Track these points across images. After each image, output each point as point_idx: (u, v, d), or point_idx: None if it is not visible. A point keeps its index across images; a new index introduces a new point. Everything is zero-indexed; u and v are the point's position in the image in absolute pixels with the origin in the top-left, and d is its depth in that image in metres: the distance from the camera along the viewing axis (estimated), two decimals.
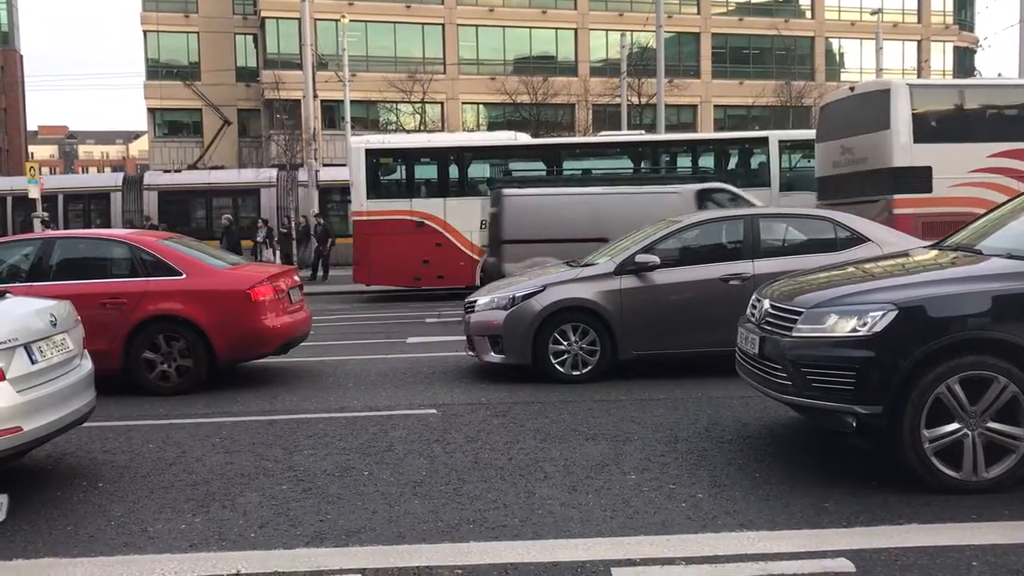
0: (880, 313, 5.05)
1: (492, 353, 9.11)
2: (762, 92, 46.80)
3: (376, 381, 9.22)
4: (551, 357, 8.80)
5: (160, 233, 11.93)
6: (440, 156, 19.94)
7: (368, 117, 45.19)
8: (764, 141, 19.77)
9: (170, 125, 49.29)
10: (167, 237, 10.27)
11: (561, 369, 8.78)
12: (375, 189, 19.49)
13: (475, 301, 9.47)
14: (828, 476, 5.40)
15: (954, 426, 4.96)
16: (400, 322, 15.27)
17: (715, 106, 50.12)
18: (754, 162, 20.16)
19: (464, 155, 20.03)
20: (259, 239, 25.62)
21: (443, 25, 47.21)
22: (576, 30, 48.63)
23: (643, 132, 25.95)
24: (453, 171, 19.85)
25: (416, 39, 47.16)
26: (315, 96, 29.86)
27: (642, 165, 20.25)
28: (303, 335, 10.03)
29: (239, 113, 48.38)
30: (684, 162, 20.57)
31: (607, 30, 48.13)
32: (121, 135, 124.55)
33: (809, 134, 24.26)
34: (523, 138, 21.54)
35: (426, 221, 19.18)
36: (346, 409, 7.81)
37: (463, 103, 47.44)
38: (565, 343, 8.82)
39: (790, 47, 51.09)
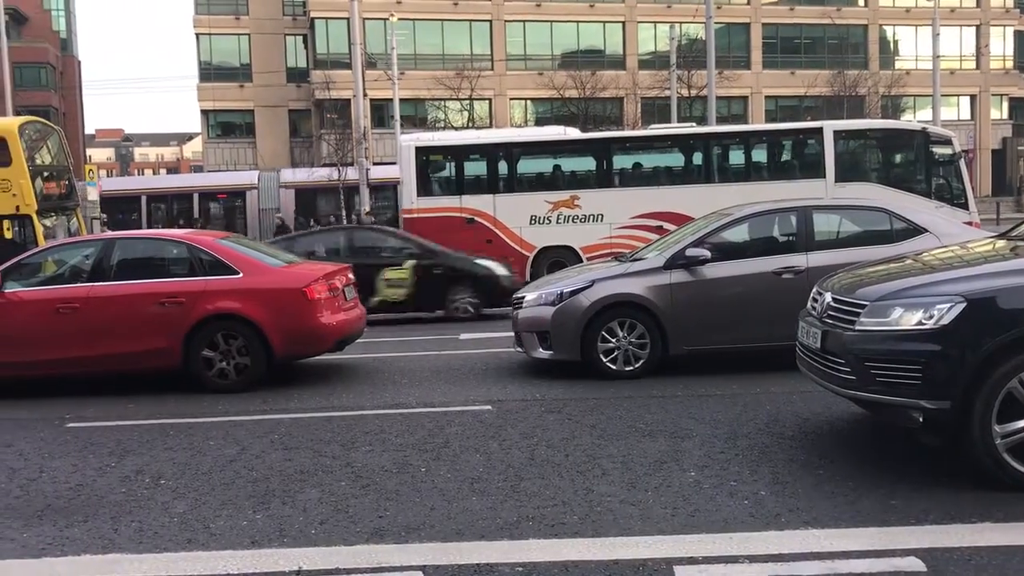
0: (947, 305, 4.91)
1: (540, 349, 9.07)
2: (814, 82, 46.02)
3: (430, 377, 9.24)
4: (600, 353, 8.74)
5: (218, 232, 12.11)
6: (489, 152, 19.93)
7: (417, 115, 45.42)
8: (819, 131, 19.42)
9: (223, 126, 50.05)
10: (224, 236, 10.41)
11: (611, 366, 8.71)
12: (425, 186, 19.56)
13: (523, 297, 9.44)
14: (893, 473, 5.28)
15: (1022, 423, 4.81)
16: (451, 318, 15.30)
17: (766, 97, 49.44)
18: (809, 153, 19.82)
19: (513, 151, 19.99)
20: None
21: (491, 21, 47.23)
22: (624, 23, 48.30)
23: (694, 124, 25.66)
24: (503, 167, 19.82)
25: (464, 36, 47.24)
26: (365, 95, 30.06)
27: (694, 158, 20.04)
28: (358, 332, 10.10)
29: (290, 113, 48.97)
30: (737, 154, 20.31)
31: (655, 22, 47.75)
32: (175, 137, 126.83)
33: (865, 124, 23.85)
34: (573, 132, 21.45)
35: (476, 218, 19.19)
36: (401, 405, 7.84)
37: (511, 99, 47.42)
38: (614, 339, 8.74)
39: (843, 36, 50.19)
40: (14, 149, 19.58)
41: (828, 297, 5.70)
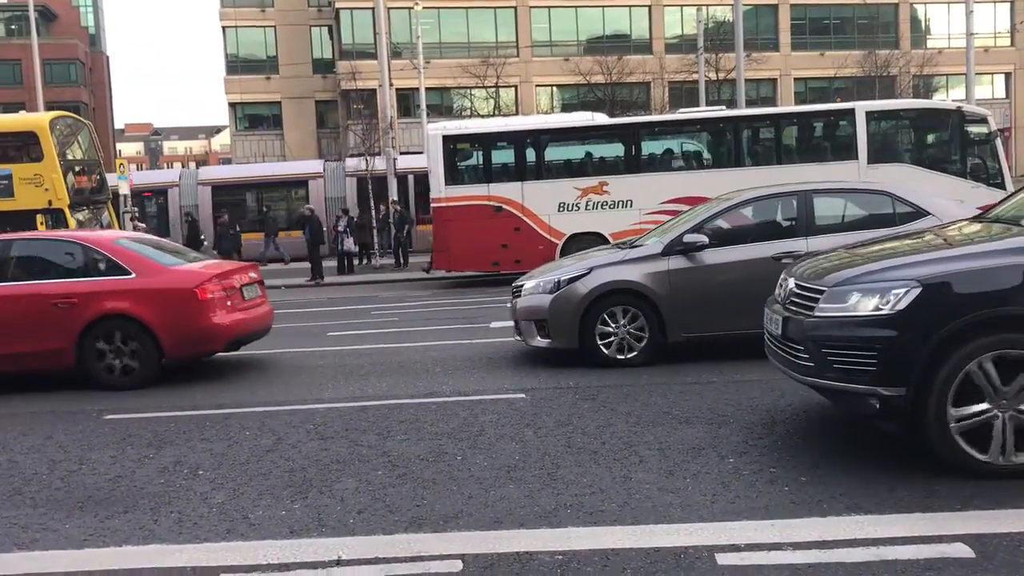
0: (903, 291, 4.85)
1: (539, 337, 9.05)
2: (844, 63, 45.41)
3: (463, 366, 9.23)
4: (598, 340, 8.69)
5: (118, 233, 12.13)
6: (517, 140, 19.85)
7: (443, 104, 45.39)
8: (851, 113, 19.16)
9: (251, 119, 50.30)
10: (123, 237, 10.40)
11: (609, 353, 8.67)
12: (453, 175, 19.53)
13: (522, 286, 9.43)
14: (932, 457, 5.19)
15: (983, 406, 4.73)
16: (481, 307, 15.29)
17: (795, 79, 48.87)
18: (841, 135, 19.57)
19: (541, 138, 19.89)
20: (340, 228, 25.96)
21: (515, 8, 47.03)
22: (650, 7, 47.91)
23: (723, 108, 25.43)
24: (530, 154, 19.74)
25: (489, 23, 47.09)
26: (391, 85, 30.07)
27: (724, 141, 19.86)
28: (260, 331, 10.11)
29: (317, 104, 49.11)
30: (767, 137, 20.08)
31: (682, 6, 47.30)
32: (203, 130, 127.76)
33: (897, 104, 23.48)
34: (600, 118, 21.30)
35: (504, 206, 19.14)
36: (436, 394, 7.84)
37: (537, 86, 47.24)
38: (612, 326, 8.70)
39: (873, 15, 49.45)
40: (45, 144, 19.82)
41: (791, 283, 5.65)
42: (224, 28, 48.70)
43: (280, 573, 4.07)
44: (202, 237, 26.68)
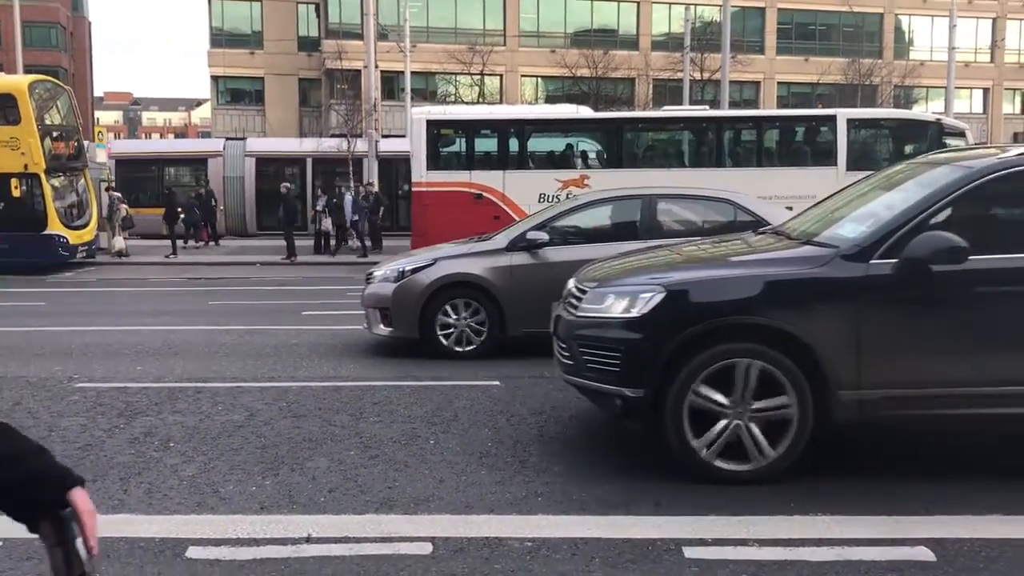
0: (649, 295, 5.00)
1: (381, 326, 9.13)
2: (828, 70, 45.70)
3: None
4: (438, 331, 8.79)
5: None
6: (501, 128, 19.82)
7: (427, 88, 45.16)
8: (832, 119, 19.32)
9: (232, 93, 49.79)
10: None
11: (448, 344, 8.77)
12: (435, 160, 19.47)
13: (373, 274, 9.53)
14: (896, 462, 5.28)
15: (723, 424, 4.85)
16: None
17: (779, 83, 49.09)
18: (821, 140, 19.73)
19: (525, 128, 19.88)
20: (319, 208, 25.81)
21: None
22: (638, 3, 47.92)
23: (707, 107, 25.55)
24: (513, 144, 19.72)
25: (477, 10, 46.88)
26: (376, 66, 29.88)
27: (706, 141, 19.96)
28: None
29: (300, 82, 48.71)
30: (749, 139, 20.21)
31: (670, 4, 47.36)
32: (183, 102, 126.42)
33: (879, 113, 23.71)
34: (585, 111, 21.34)
35: (485, 193, 19.11)
36: (410, 378, 7.84)
37: (522, 76, 47.13)
38: (453, 317, 8.79)
39: (858, 24, 49.78)
40: (23, 107, 19.55)
41: (572, 283, 5.81)
42: (210, 0, 48.15)
43: (249, 548, 4.08)
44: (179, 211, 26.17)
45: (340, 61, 39.83)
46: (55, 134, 20.99)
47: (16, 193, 19.88)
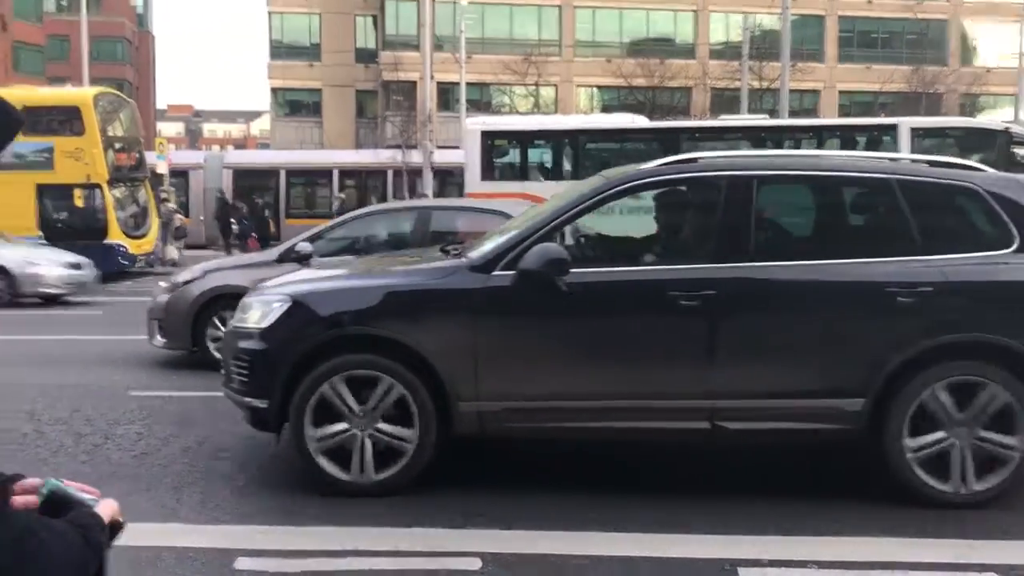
0: (278, 305, 4.90)
1: (158, 337, 9.10)
2: (891, 78, 44.82)
3: None
4: (210, 344, 8.72)
5: None
6: (556, 138, 19.78)
7: (482, 99, 45.35)
8: (894, 128, 18.88)
9: (291, 105, 50.57)
10: None
11: (219, 356, 8.67)
12: (489, 171, 19.47)
13: (160, 284, 9.65)
14: None
15: (342, 425, 4.75)
16: None
17: (840, 92, 48.31)
18: (883, 150, 19.28)
19: (580, 138, 19.79)
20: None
21: (560, 7, 46.90)
22: (696, 12, 47.61)
23: (766, 116, 25.19)
24: (568, 154, 19.66)
25: (532, 21, 46.99)
26: (432, 77, 30.10)
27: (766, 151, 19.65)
28: None
29: (357, 94, 49.29)
30: (809, 149, 19.84)
31: (728, 12, 46.94)
32: (243, 114, 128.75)
33: (944, 122, 23.12)
34: (641, 121, 21.16)
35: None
36: None
37: (577, 86, 47.09)
38: (223, 330, 8.65)
39: (923, 30, 48.75)
40: (88, 119, 19.99)
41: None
42: (270, 13, 49.00)
43: (298, 560, 4.04)
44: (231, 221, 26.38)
45: (396, 72, 40.25)
46: (118, 145, 21.43)
47: (79, 203, 20.34)
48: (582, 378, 4.75)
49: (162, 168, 25.05)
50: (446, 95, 43.76)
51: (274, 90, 49.75)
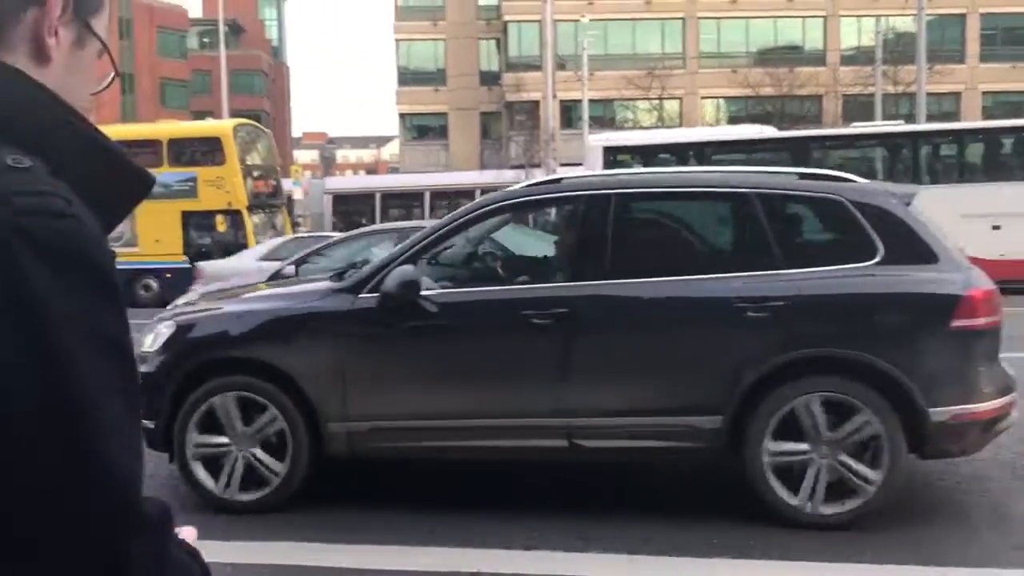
0: (166, 330, 5.04)
1: None
2: None
3: None
4: None
5: None
6: (680, 152, 19.50)
7: (605, 115, 45.28)
8: None
9: (418, 129, 51.81)
10: None
11: None
12: None
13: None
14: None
15: (222, 439, 4.83)
16: None
17: (983, 93, 45.89)
18: None
19: (705, 150, 19.44)
20: None
21: (683, 20, 46.41)
22: (825, 18, 46.22)
23: (901, 122, 24.16)
24: (693, 167, 19.32)
25: (655, 35, 46.67)
26: (554, 96, 30.24)
27: (901, 157, 18.81)
28: None
29: (481, 116, 50.05)
30: (950, 154, 18.89)
31: (860, 16, 45.35)
32: (374, 140, 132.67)
33: None
34: (769, 131, 20.62)
35: None
36: None
37: (702, 98, 46.42)
38: None
39: None
40: (228, 149, 21.01)
41: None
42: (397, 41, 50.41)
43: None
44: None
45: (519, 93, 40.64)
46: (256, 173, 22.41)
47: (221, 228, 21.35)
48: (443, 397, 4.80)
49: (298, 194, 26.03)
50: (569, 113, 43.92)
51: (402, 115, 51.07)
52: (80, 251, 0.79)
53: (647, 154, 19.78)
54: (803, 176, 5.23)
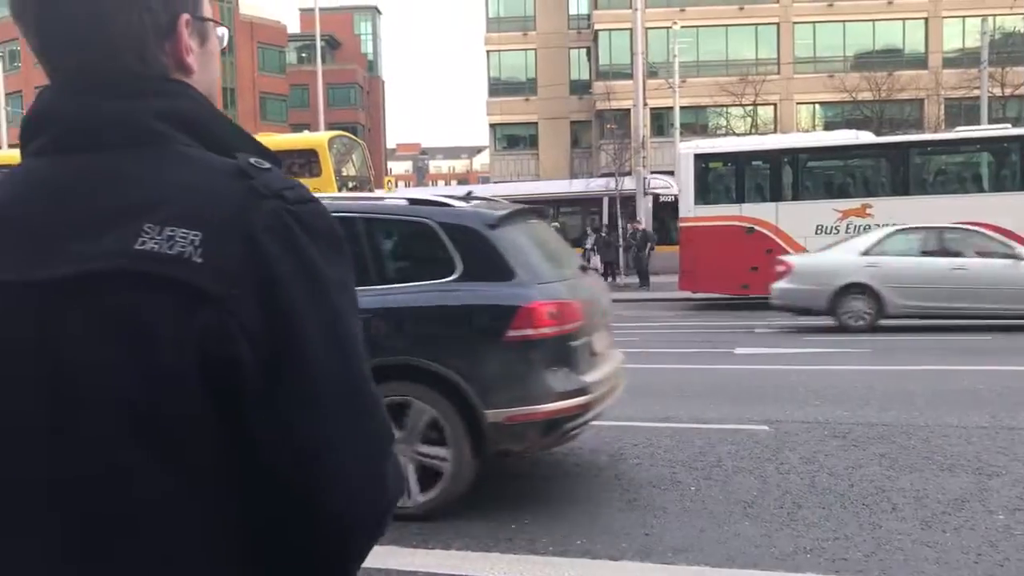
0: None
1: None
2: None
3: (702, 392, 8.94)
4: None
5: None
6: (773, 159, 19.13)
7: (697, 123, 44.75)
8: None
9: (509, 139, 52.13)
10: None
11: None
12: (703, 194, 19.12)
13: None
14: None
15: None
16: (726, 332, 14.83)
17: None
18: None
19: (799, 157, 19.03)
20: (587, 246, 26.24)
21: (778, 24, 45.54)
22: (927, 19, 44.74)
23: (1008, 126, 23.19)
24: (787, 174, 18.94)
25: (749, 40, 45.94)
26: (644, 104, 30.05)
27: (1008, 163, 18.06)
28: None
29: (571, 125, 50.07)
30: None
31: (964, 16, 43.75)
32: (466, 150, 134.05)
33: None
34: (866, 136, 20.06)
35: (756, 227, 18.48)
36: (671, 420, 7.62)
37: (798, 103, 45.45)
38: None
39: None
40: (324, 161, 21.53)
41: None
42: (488, 52, 50.86)
43: None
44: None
45: (609, 102, 40.49)
46: (350, 184, 22.90)
47: None
48: None
49: None
50: (660, 120, 43.57)
51: (492, 126, 51.46)
52: (331, 230, 0.97)
53: (740, 161, 19.47)
54: (413, 202, 5.64)
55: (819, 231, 18.05)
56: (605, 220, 29.19)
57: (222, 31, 1.11)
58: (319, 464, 0.90)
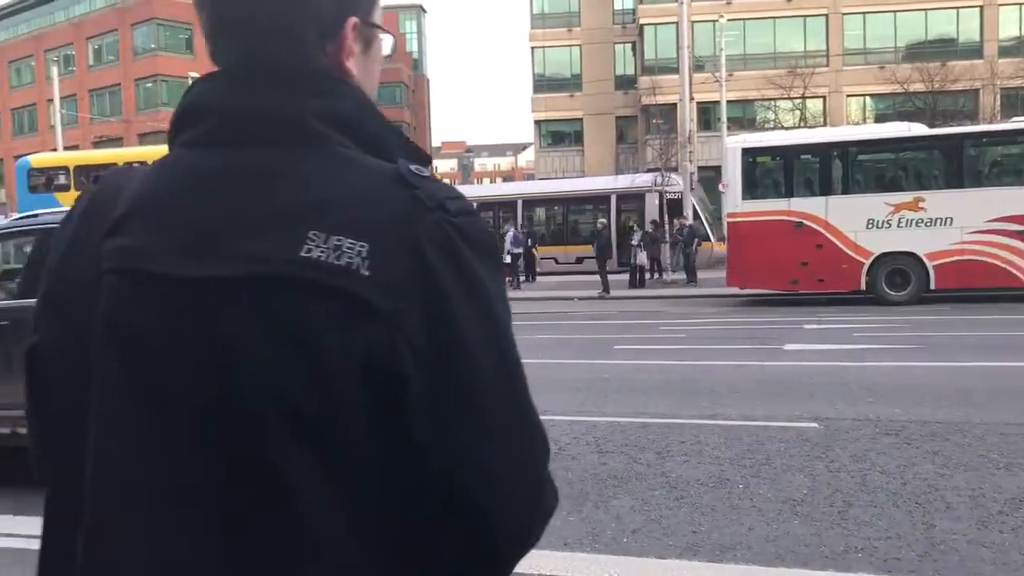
0: None
1: None
2: None
3: (751, 389, 8.84)
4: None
5: None
6: (822, 152, 18.83)
7: (744, 116, 44.24)
8: None
9: (553, 135, 52.01)
10: None
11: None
12: (751, 189, 18.90)
13: None
14: None
15: None
16: (776, 327, 14.63)
17: None
18: None
19: (849, 150, 18.71)
20: (633, 242, 26.08)
21: (827, 16, 44.83)
22: (982, 7, 43.70)
23: None
24: (836, 167, 18.63)
25: (797, 33, 45.28)
26: (691, 98, 29.79)
27: None
28: None
29: (617, 120, 49.81)
30: None
31: (1021, 3, 42.69)
32: (511, 147, 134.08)
33: None
34: (918, 128, 19.66)
35: (805, 221, 18.21)
36: (719, 416, 7.56)
37: (847, 96, 44.69)
38: None
39: None
40: None
41: None
42: (533, 48, 50.79)
43: None
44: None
45: (655, 96, 40.25)
46: None
47: None
48: None
49: None
50: (706, 115, 43.17)
51: (537, 122, 51.39)
52: (490, 242, 0.96)
53: (788, 155, 19.21)
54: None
55: (870, 225, 17.76)
56: (654, 216, 28.96)
57: (389, 39, 1.08)
58: (481, 470, 0.91)
